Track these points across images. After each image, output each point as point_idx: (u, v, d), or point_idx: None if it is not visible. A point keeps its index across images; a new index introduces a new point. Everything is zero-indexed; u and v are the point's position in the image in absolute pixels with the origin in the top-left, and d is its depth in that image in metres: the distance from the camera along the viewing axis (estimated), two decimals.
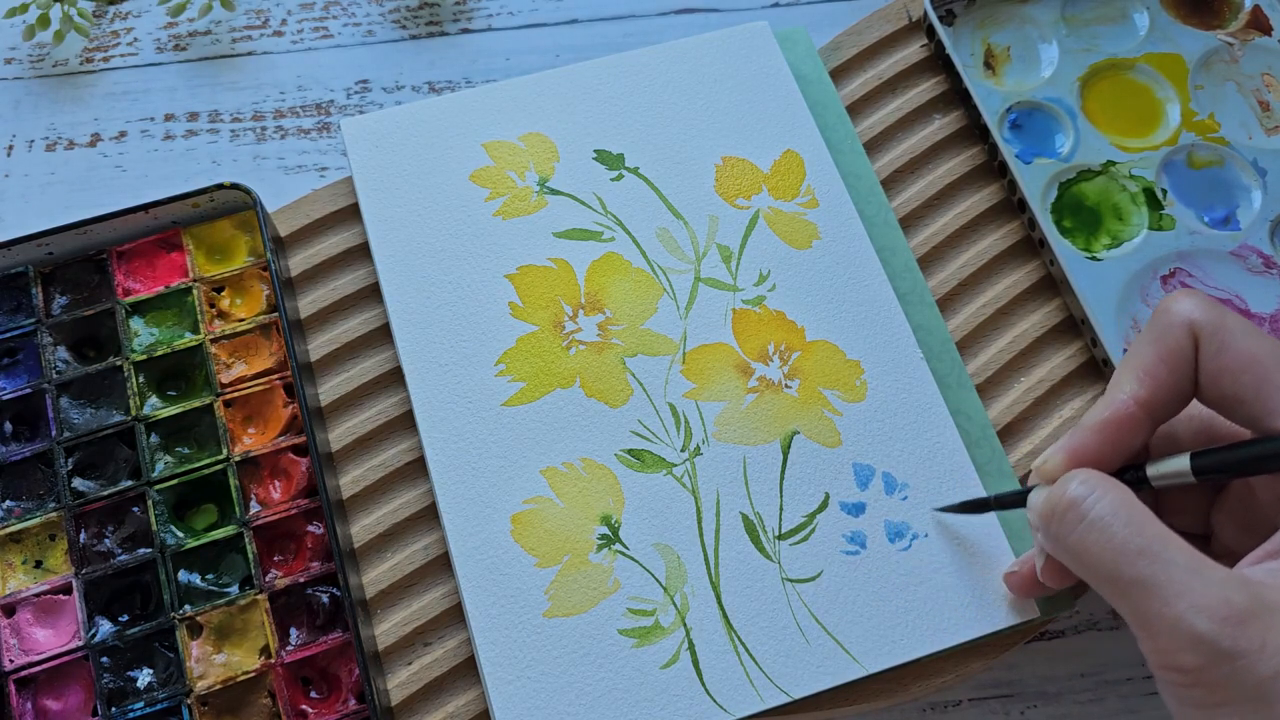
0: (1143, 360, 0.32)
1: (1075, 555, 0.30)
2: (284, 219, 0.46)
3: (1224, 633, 0.26)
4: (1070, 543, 0.30)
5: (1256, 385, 0.30)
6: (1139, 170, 0.47)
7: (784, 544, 0.39)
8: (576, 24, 0.56)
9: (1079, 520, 0.30)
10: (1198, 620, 0.27)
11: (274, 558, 0.40)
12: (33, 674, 0.38)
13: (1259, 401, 0.30)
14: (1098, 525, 0.29)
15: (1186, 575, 0.27)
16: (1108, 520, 0.29)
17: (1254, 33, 0.50)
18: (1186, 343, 0.31)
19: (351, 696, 0.38)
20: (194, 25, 0.55)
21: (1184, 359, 0.31)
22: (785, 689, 0.37)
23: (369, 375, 0.43)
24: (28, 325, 0.43)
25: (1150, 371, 0.32)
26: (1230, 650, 0.26)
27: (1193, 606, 0.27)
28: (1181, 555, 0.28)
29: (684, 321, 0.43)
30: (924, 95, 0.49)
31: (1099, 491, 0.30)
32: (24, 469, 0.41)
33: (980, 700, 0.43)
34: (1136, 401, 0.32)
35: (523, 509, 0.40)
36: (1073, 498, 0.30)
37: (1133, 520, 0.29)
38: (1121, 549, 0.28)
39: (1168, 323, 0.32)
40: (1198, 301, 0.32)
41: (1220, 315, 0.31)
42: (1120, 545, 0.28)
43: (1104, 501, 0.29)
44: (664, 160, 0.46)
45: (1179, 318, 0.31)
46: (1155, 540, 0.28)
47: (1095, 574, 0.29)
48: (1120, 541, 0.28)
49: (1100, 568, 0.29)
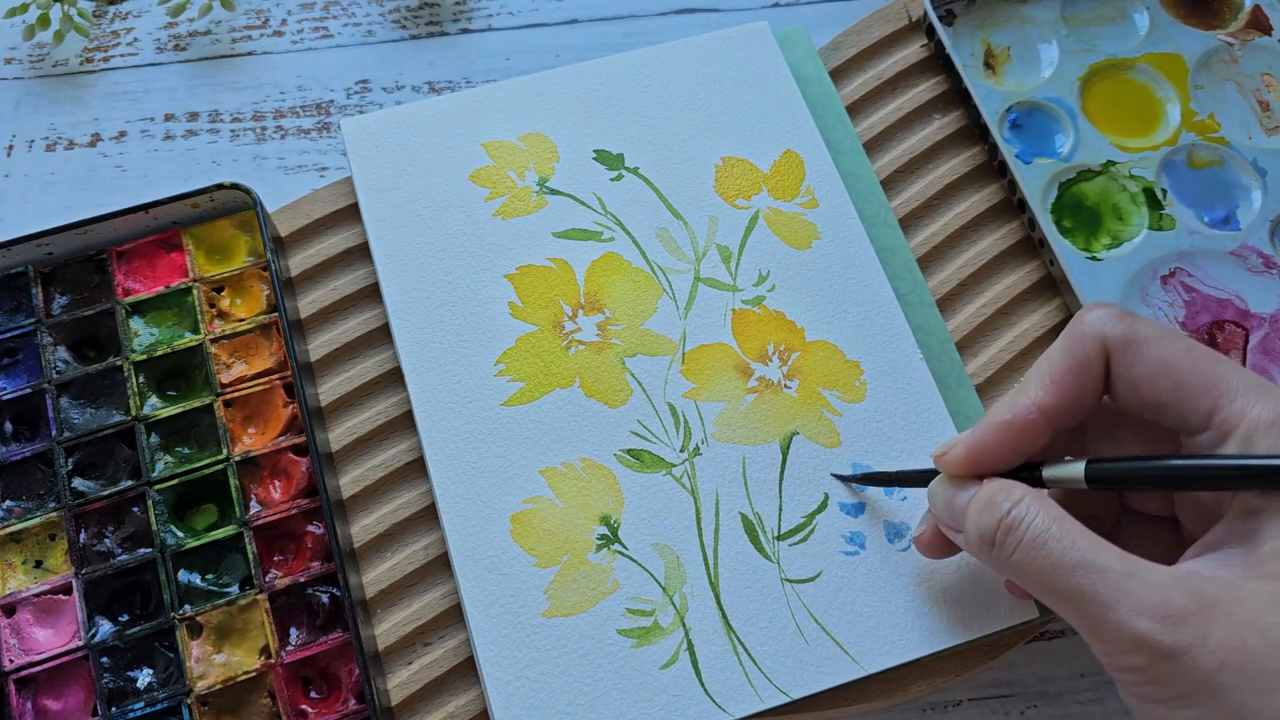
0: (1052, 368, 0.33)
1: (1018, 573, 0.31)
2: (284, 219, 0.46)
3: (1165, 631, 0.27)
4: (1012, 563, 0.31)
5: (1173, 389, 0.31)
6: (1139, 170, 0.47)
7: (783, 544, 0.39)
8: (576, 24, 0.56)
9: (1016, 542, 0.30)
10: (1139, 622, 0.28)
11: (274, 558, 0.40)
12: (33, 674, 0.38)
13: (1178, 405, 0.31)
14: (1034, 544, 0.30)
15: (1123, 580, 0.28)
16: (1043, 538, 0.30)
17: (1254, 33, 0.50)
18: (1096, 355, 0.32)
19: (351, 696, 0.38)
20: (194, 25, 0.55)
21: (1091, 371, 0.32)
22: (784, 689, 0.37)
23: (369, 375, 0.43)
24: (28, 325, 0.43)
25: (1057, 380, 0.33)
26: (1174, 647, 0.27)
27: (1132, 610, 0.28)
28: (1116, 562, 0.29)
29: (683, 322, 0.43)
30: (924, 95, 0.49)
31: (1030, 511, 0.31)
32: (24, 469, 0.41)
33: (980, 700, 0.43)
34: (1039, 408, 0.33)
35: (522, 509, 0.40)
36: (1009, 522, 0.31)
37: (1065, 534, 0.30)
38: (1058, 564, 0.29)
39: (1080, 334, 0.33)
40: (1110, 313, 0.32)
41: (1130, 326, 0.32)
42: (1056, 560, 0.29)
43: (1037, 520, 0.30)
44: (664, 160, 0.46)
45: (1091, 329, 0.32)
46: (1089, 551, 0.29)
47: (1039, 589, 0.30)
48: (1056, 557, 0.29)
49: (1043, 584, 0.30)
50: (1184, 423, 0.31)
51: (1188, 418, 0.31)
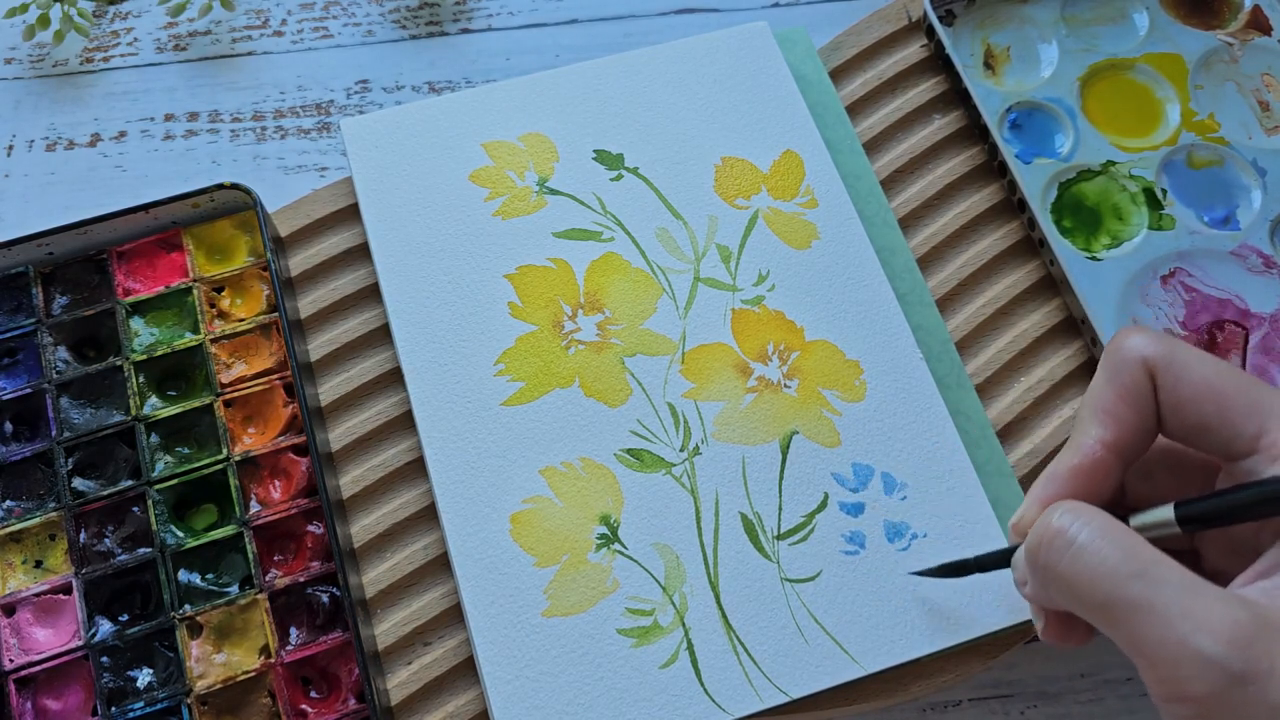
0: (1103, 401, 0.31)
1: (1066, 584, 0.29)
2: (284, 219, 0.46)
3: (1233, 654, 0.25)
4: (1060, 571, 0.29)
5: (1218, 412, 0.30)
6: (1139, 170, 0.47)
7: (783, 544, 0.39)
8: (576, 24, 0.56)
9: (1067, 547, 0.28)
10: (1203, 641, 0.25)
11: (274, 557, 0.40)
12: (33, 674, 0.38)
13: (1224, 428, 0.30)
14: (1087, 550, 0.28)
15: (1185, 596, 0.26)
16: (1097, 544, 0.28)
17: (1254, 33, 0.50)
18: (1143, 378, 0.31)
19: (351, 696, 0.38)
20: (194, 25, 0.55)
21: (1144, 395, 0.31)
22: (784, 689, 0.37)
23: (369, 375, 0.43)
24: (28, 325, 0.43)
25: (1112, 411, 0.31)
26: (1242, 673, 0.25)
27: (1197, 628, 0.25)
28: (1177, 575, 0.27)
29: (683, 321, 0.43)
30: (924, 95, 0.49)
31: (1084, 518, 0.29)
32: (24, 469, 0.41)
33: (980, 700, 0.43)
34: (1103, 444, 0.31)
35: (522, 508, 0.40)
36: (1059, 526, 0.29)
37: (1122, 543, 0.28)
38: (1114, 572, 0.27)
39: (1122, 360, 0.31)
40: (1149, 337, 0.31)
41: (1172, 347, 0.31)
42: (1113, 569, 0.27)
43: (1090, 527, 0.28)
44: (663, 160, 0.46)
45: (1133, 354, 0.31)
46: (1149, 562, 0.27)
47: (1089, 601, 0.28)
48: (1112, 565, 0.27)
49: (1094, 594, 0.28)
50: (1229, 446, 0.30)
51: (1233, 441, 0.30)
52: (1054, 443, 0.43)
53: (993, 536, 0.40)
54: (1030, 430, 0.43)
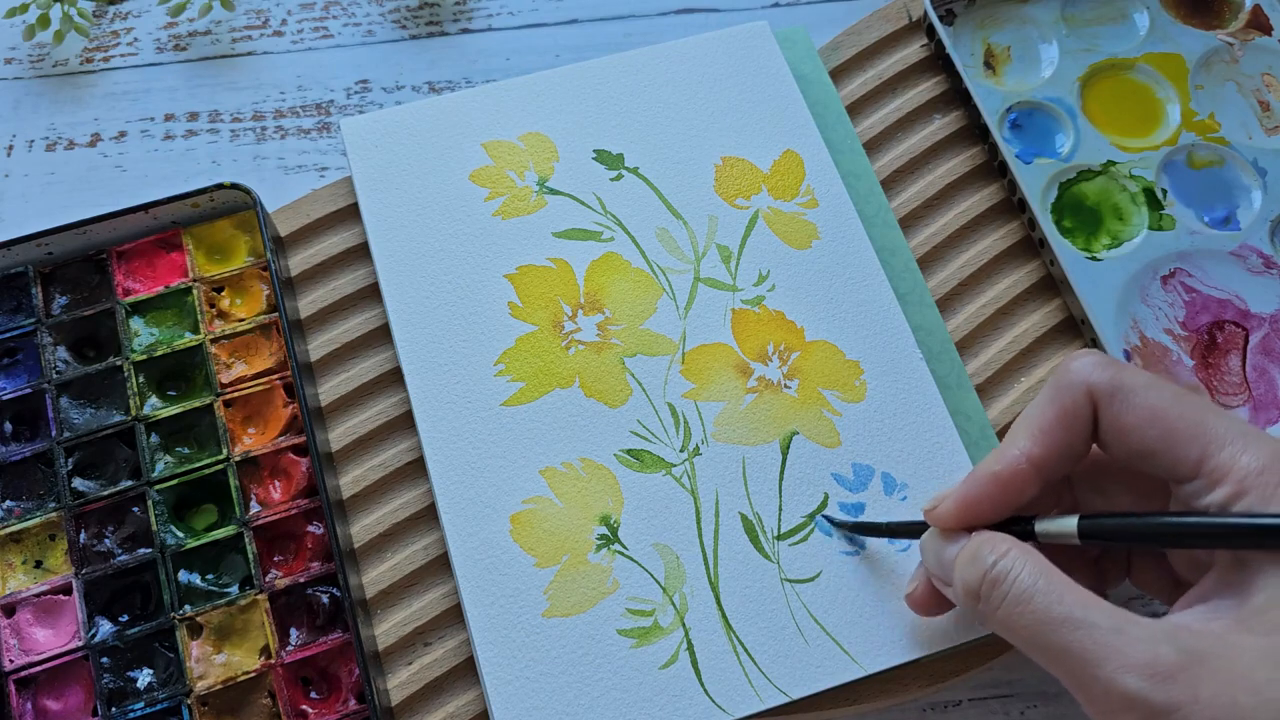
0: (1040, 418, 0.33)
1: (1004, 629, 0.30)
2: (284, 219, 0.46)
3: (1155, 689, 0.27)
4: (998, 618, 0.30)
5: (1162, 438, 0.31)
6: (1139, 170, 0.47)
7: (783, 544, 0.39)
8: (576, 24, 0.56)
9: (1002, 597, 0.30)
10: (1128, 680, 0.27)
11: (274, 558, 0.40)
12: (33, 674, 0.38)
13: (1167, 453, 0.31)
14: (1021, 599, 0.29)
15: (1111, 637, 0.28)
16: (1029, 593, 0.29)
17: (1254, 33, 0.50)
18: (1084, 404, 0.32)
19: (351, 696, 0.38)
20: (194, 25, 0.55)
21: (1080, 420, 0.32)
22: (784, 689, 0.37)
23: (369, 375, 0.43)
24: (28, 325, 0.43)
25: (1046, 430, 0.32)
26: (1164, 705, 0.26)
27: (1121, 667, 0.27)
28: (1104, 617, 0.28)
29: (683, 321, 0.43)
30: (924, 95, 0.49)
31: (1017, 565, 0.30)
32: (24, 469, 0.41)
33: (980, 700, 0.43)
34: (1029, 459, 0.32)
35: (522, 509, 0.40)
36: (995, 576, 0.30)
37: (1051, 589, 0.29)
38: (1045, 619, 0.29)
39: (1066, 383, 0.32)
40: (1096, 361, 0.32)
41: (1117, 374, 0.32)
42: (1043, 616, 0.29)
43: (1023, 574, 0.30)
44: (663, 160, 0.46)
45: (1077, 378, 0.32)
46: (1076, 606, 0.29)
47: (1025, 645, 0.30)
48: (1042, 612, 0.29)
49: (1029, 639, 0.29)
50: (1173, 471, 0.31)
51: (1176, 466, 0.31)
52: None
53: None
54: None
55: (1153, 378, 0.32)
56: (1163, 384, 0.32)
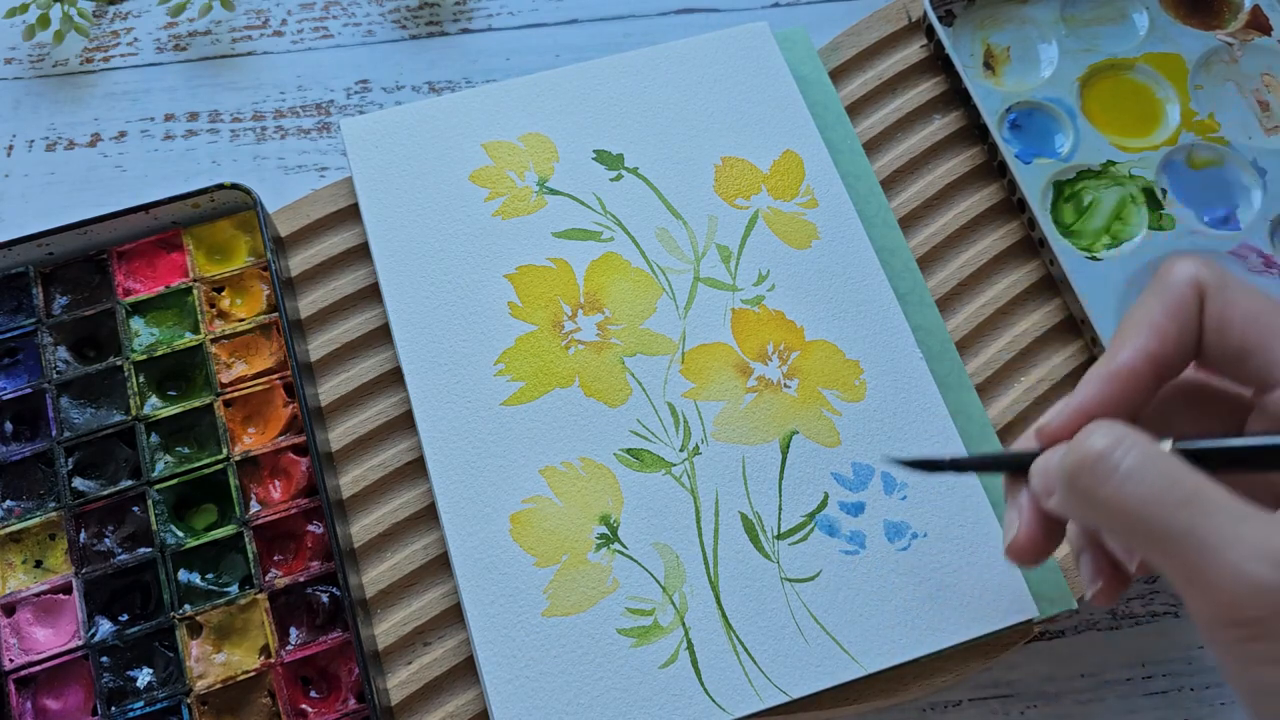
0: (1149, 314, 0.31)
1: (1110, 511, 0.27)
2: (284, 219, 0.46)
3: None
4: (1103, 497, 0.27)
5: (1261, 337, 0.30)
6: (1139, 170, 0.47)
7: (783, 544, 0.40)
8: (576, 24, 0.56)
9: (1111, 472, 0.27)
10: (1257, 567, 0.25)
11: (274, 557, 0.40)
12: (33, 673, 0.38)
13: (1264, 353, 0.30)
14: (1133, 476, 0.27)
15: (1235, 522, 0.25)
16: (1143, 470, 0.27)
17: (1254, 33, 0.50)
18: (1191, 297, 0.31)
19: (351, 696, 0.38)
20: (194, 25, 0.55)
21: (1189, 313, 0.31)
22: (784, 689, 0.37)
23: (369, 375, 0.43)
24: (28, 325, 0.43)
25: (1156, 325, 0.30)
26: None
27: (1250, 553, 0.25)
28: (1226, 502, 0.26)
29: (683, 321, 0.43)
30: (924, 95, 0.49)
31: (1128, 442, 0.28)
32: (24, 469, 0.41)
33: (980, 700, 0.43)
34: (1145, 353, 0.30)
35: (522, 508, 0.40)
36: (1101, 449, 0.28)
37: (1166, 470, 0.27)
38: (1162, 500, 0.26)
39: (1172, 279, 0.31)
40: (1201, 260, 0.31)
41: (1223, 272, 0.31)
42: (1160, 496, 0.26)
43: (1134, 451, 0.27)
44: (663, 160, 0.46)
45: (1184, 274, 0.31)
46: (1196, 488, 0.26)
47: (1134, 530, 0.27)
48: (1159, 492, 0.26)
49: (1140, 522, 0.27)
50: (1265, 375, 0.30)
51: (1269, 370, 0.30)
52: None
53: (992, 537, 0.40)
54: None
55: (1253, 286, 0.31)
56: (1261, 291, 0.31)
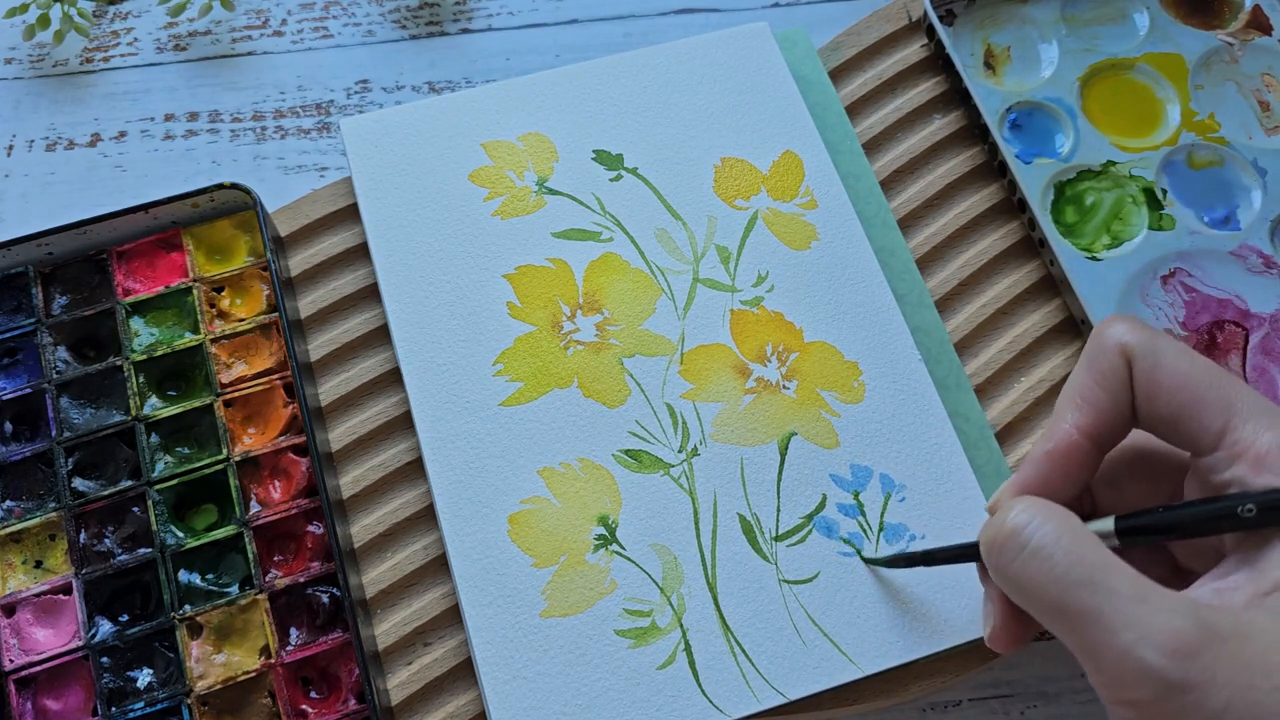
0: (1080, 387, 0.32)
1: (1016, 585, 0.29)
2: (284, 219, 0.46)
3: (1173, 666, 0.25)
4: (1011, 572, 0.29)
5: (1189, 404, 0.30)
6: (1139, 170, 0.47)
7: (781, 545, 0.40)
8: (576, 24, 0.56)
9: (1020, 549, 0.28)
10: (1145, 652, 0.26)
11: (274, 558, 0.40)
12: (33, 674, 0.38)
13: (1194, 420, 0.30)
14: (1039, 554, 0.28)
15: (1131, 605, 0.26)
16: (1049, 549, 0.28)
17: (1254, 33, 0.50)
18: (1121, 365, 0.31)
19: (351, 696, 0.38)
20: (194, 25, 0.55)
21: (1120, 381, 0.31)
22: (782, 690, 0.37)
23: (369, 375, 0.43)
24: (28, 325, 0.43)
25: (1088, 397, 0.31)
26: (1181, 683, 0.25)
27: (1140, 638, 0.26)
28: (1126, 584, 0.27)
29: (682, 322, 0.43)
30: (924, 95, 0.49)
31: (1039, 518, 0.29)
32: (24, 469, 0.41)
33: (980, 700, 0.43)
34: (1079, 429, 0.31)
35: (520, 509, 0.40)
36: (1013, 526, 0.29)
37: (1075, 548, 0.28)
38: (1063, 578, 0.27)
39: (1101, 347, 0.31)
40: (1130, 325, 0.31)
41: (1152, 336, 0.31)
42: (1062, 574, 0.27)
43: (1045, 528, 0.28)
44: (663, 161, 0.46)
45: (1111, 341, 0.31)
46: (1098, 568, 0.27)
47: (1038, 605, 0.28)
48: (1062, 570, 0.27)
49: (1042, 598, 0.28)
50: (1195, 440, 0.30)
51: (1200, 435, 0.30)
52: None
53: None
54: (1030, 431, 0.43)
55: (1183, 345, 0.31)
56: (1193, 352, 0.31)
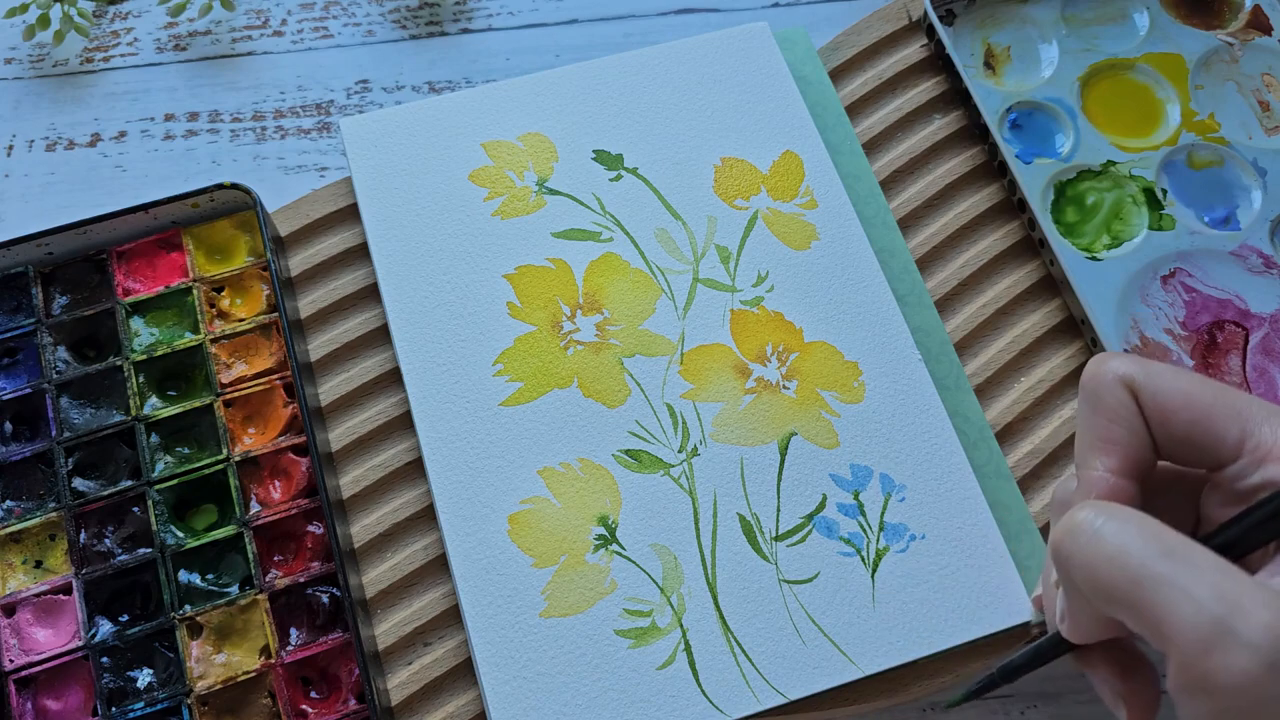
0: (1096, 431, 0.31)
1: (1089, 569, 0.27)
2: (284, 219, 0.46)
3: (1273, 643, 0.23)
4: (1085, 557, 0.27)
5: (1201, 420, 0.29)
6: (1139, 170, 0.47)
7: (781, 545, 0.40)
8: (576, 24, 0.56)
9: (1091, 534, 0.27)
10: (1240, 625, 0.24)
11: (274, 558, 0.40)
12: (33, 674, 0.38)
13: (1208, 434, 0.29)
14: (1112, 534, 0.27)
15: (1220, 577, 0.25)
16: (1123, 529, 0.27)
17: (1254, 33, 0.50)
18: (1127, 397, 0.30)
19: (351, 696, 0.38)
20: (194, 25, 0.55)
21: (1132, 413, 0.30)
22: (781, 690, 0.37)
23: (369, 375, 0.43)
24: (28, 325, 0.43)
25: (1108, 438, 0.30)
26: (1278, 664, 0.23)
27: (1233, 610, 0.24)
28: (1210, 558, 0.25)
29: (682, 322, 0.43)
30: (924, 95, 0.49)
31: (1109, 511, 0.27)
32: (24, 469, 0.41)
33: (980, 700, 0.43)
34: (1113, 472, 0.30)
35: (520, 509, 0.40)
36: (1083, 517, 0.28)
37: (1149, 526, 0.26)
38: (1142, 550, 0.26)
39: (1102, 385, 0.31)
40: (1119, 358, 0.31)
41: (1144, 363, 0.31)
42: (1140, 548, 0.26)
43: (1116, 516, 0.27)
44: (663, 161, 0.46)
45: (1110, 376, 0.31)
46: (1179, 542, 0.26)
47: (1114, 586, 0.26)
48: (1139, 545, 0.26)
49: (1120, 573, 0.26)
50: (1214, 454, 0.30)
51: (1218, 448, 0.29)
52: (1054, 443, 0.43)
53: (990, 538, 0.40)
54: (1030, 431, 0.43)
55: (1175, 366, 0.31)
56: (1187, 371, 0.31)
